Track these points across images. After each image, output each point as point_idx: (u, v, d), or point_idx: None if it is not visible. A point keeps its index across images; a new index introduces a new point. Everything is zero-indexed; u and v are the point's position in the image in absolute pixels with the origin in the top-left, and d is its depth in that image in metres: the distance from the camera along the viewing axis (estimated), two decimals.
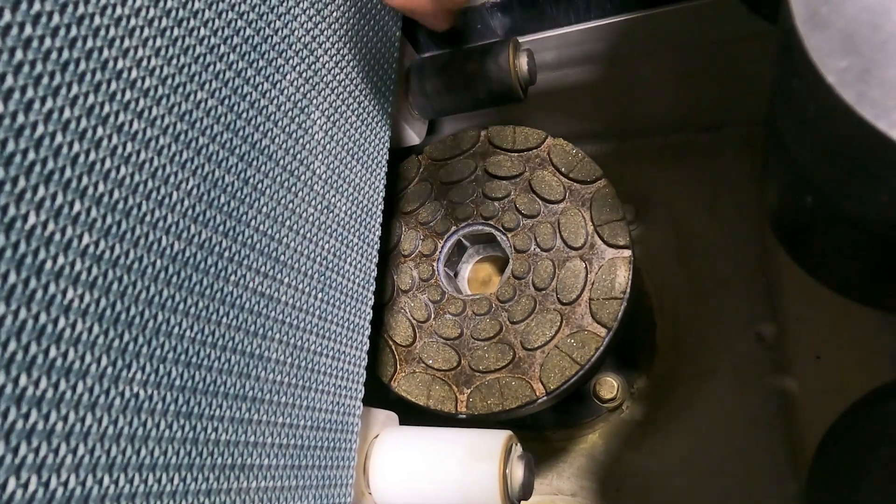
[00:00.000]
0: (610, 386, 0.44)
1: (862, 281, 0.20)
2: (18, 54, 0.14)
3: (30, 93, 0.15)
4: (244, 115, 0.22)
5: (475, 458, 0.29)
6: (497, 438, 0.29)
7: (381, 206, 0.32)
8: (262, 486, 0.21)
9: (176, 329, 0.18)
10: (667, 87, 0.47)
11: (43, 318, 0.15)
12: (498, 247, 0.39)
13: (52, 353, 0.15)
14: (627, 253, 0.34)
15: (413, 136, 0.41)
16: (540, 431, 0.48)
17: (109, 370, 0.16)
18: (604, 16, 0.40)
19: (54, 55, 0.15)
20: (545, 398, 0.32)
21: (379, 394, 0.35)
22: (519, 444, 0.30)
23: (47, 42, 0.15)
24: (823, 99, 0.12)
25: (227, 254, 0.21)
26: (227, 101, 0.21)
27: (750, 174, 0.50)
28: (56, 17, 0.16)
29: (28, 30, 0.15)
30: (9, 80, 0.14)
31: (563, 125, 0.52)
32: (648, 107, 0.50)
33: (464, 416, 0.33)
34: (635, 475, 0.46)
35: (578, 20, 0.41)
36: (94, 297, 0.16)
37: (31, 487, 0.14)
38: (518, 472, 0.28)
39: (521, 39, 0.42)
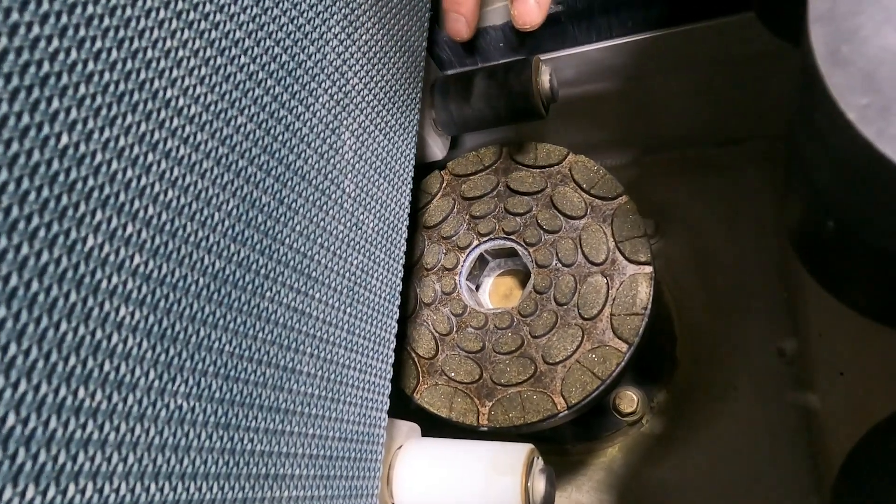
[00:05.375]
0: (630, 400, 0.44)
1: (883, 303, 0.20)
2: (81, 88, 0.16)
3: (90, 123, 0.16)
4: (280, 137, 0.23)
5: (498, 471, 0.29)
6: (519, 452, 0.30)
7: (407, 223, 0.33)
8: (294, 496, 0.22)
9: (216, 344, 0.19)
10: (687, 103, 0.48)
11: (99, 334, 0.15)
12: (519, 261, 0.39)
13: (107, 366, 0.16)
14: (649, 269, 0.34)
15: (436, 152, 0.42)
16: (559, 444, 0.48)
17: (156, 383, 0.17)
18: (625, 34, 0.41)
19: (112, 87, 0.16)
20: (566, 412, 0.32)
21: (398, 404, 0.36)
22: (540, 458, 0.30)
23: (106, 76, 0.16)
24: (844, 133, 0.13)
25: (262, 271, 0.22)
26: (264, 125, 0.22)
27: (770, 188, 0.50)
28: (114, 53, 0.17)
29: (91, 65, 0.16)
30: (73, 113, 0.15)
31: (582, 139, 0.52)
32: (668, 121, 0.51)
33: (485, 428, 0.34)
34: (654, 489, 0.46)
35: (600, 38, 0.42)
36: (144, 314, 0.17)
37: (87, 494, 0.15)
38: (540, 485, 0.29)
39: (542, 57, 0.42)
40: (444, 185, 0.41)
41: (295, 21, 0.25)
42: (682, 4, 0.38)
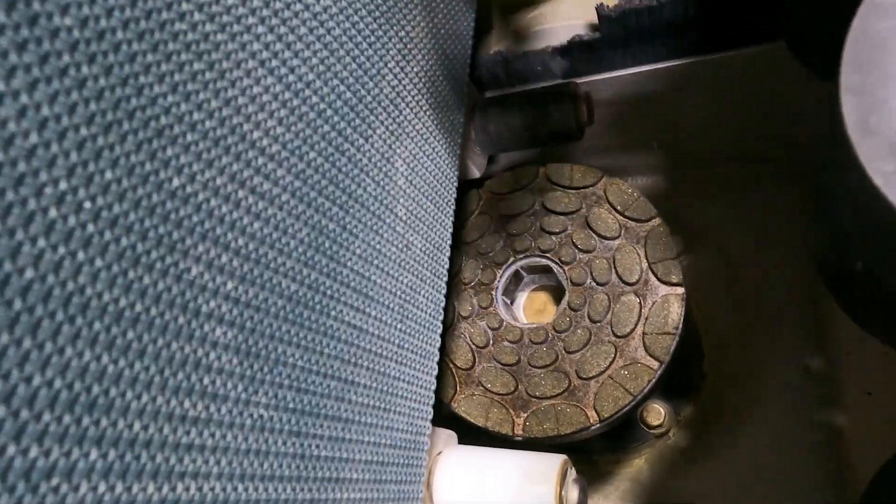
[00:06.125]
0: (657, 413, 0.46)
1: None
2: (188, 136, 0.18)
3: (194, 167, 0.18)
4: (343, 168, 0.25)
5: (532, 480, 0.31)
6: (553, 462, 0.31)
7: (450, 242, 0.35)
8: (352, 498, 0.24)
9: (290, 359, 0.21)
10: (718, 124, 0.49)
11: (200, 351, 0.18)
12: (553, 277, 0.41)
13: (206, 380, 0.18)
14: (681, 290, 0.35)
15: (475, 171, 0.44)
16: (587, 454, 0.49)
17: (243, 395, 0.19)
18: (659, 61, 0.42)
19: (210, 133, 0.19)
20: (598, 425, 0.34)
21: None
22: (573, 468, 0.32)
23: (206, 124, 0.19)
24: (870, 195, 0.14)
25: (328, 292, 0.24)
26: (330, 158, 0.25)
27: (799, 207, 0.51)
28: (213, 102, 0.19)
29: (195, 115, 0.18)
30: (181, 158, 0.18)
31: (615, 158, 0.54)
32: (699, 142, 0.52)
33: (520, 438, 0.36)
34: (679, 501, 0.47)
35: (635, 64, 0.43)
36: (234, 333, 0.19)
37: (191, 492, 0.17)
38: (573, 495, 0.30)
39: (579, 81, 0.44)
40: (481, 202, 0.43)
41: (357, 59, 0.27)
42: (714, 34, 0.40)
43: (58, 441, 0.13)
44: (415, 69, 0.32)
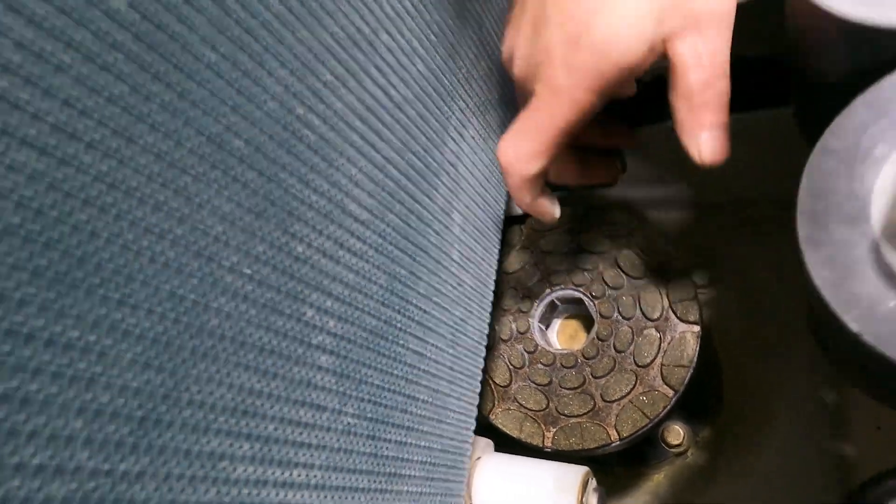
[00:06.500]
0: (677, 433, 0.50)
1: None
2: (308, 213, 0.24)
3: (311, 236, 0.24)
4: (412, 223, 0.31)
5: (558, 488, 0.37)
6: (577, 473, 0.37)
7: (495, 277, 0.40)
8: (409, 491, 0.30)
9: (369, 379, 0.27)
10: (743, 170, 0.53)
11: (311, 374, 0.24)
12: (584, 308, 0.46)
13: (314, 395, 0.24)
14: (697, 328, 0.40)
15: (516, 208, 0.49)
16: (609, 467, 0.54)
17: (337, 406, 0.25)
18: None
19: (320, 209, 0.25)
20: (618, 443, 0.39)
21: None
22: (594, 479, 0.37)
23: (317, 201, 0.25)
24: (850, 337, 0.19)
25: (398, 325, 0.30)
26: (403, 217, 0.31)
27: None
28: (324, 185, 0.25)
29: (312, 197, 0.24)
30: (304, 230, 0.24)
31: (646, 194, 0.58)
32: (724, 182, 0.56)
33: (549, 450, 0.41)
34: None
35: (662, 119, 0.48)
36: (333, 360, 0.25)
37: (301, 477, 0.23)
38: (593, 502, 0.36)
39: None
40: (523, 238, 0.49)
41: (426, 133, 0.33)
42: (740, 96, 0.44)
43: (236, 438, 0.20)
44: (471, 133, 0.38)
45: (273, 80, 0.22)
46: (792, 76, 0.35)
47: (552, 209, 0.35)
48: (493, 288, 0.40)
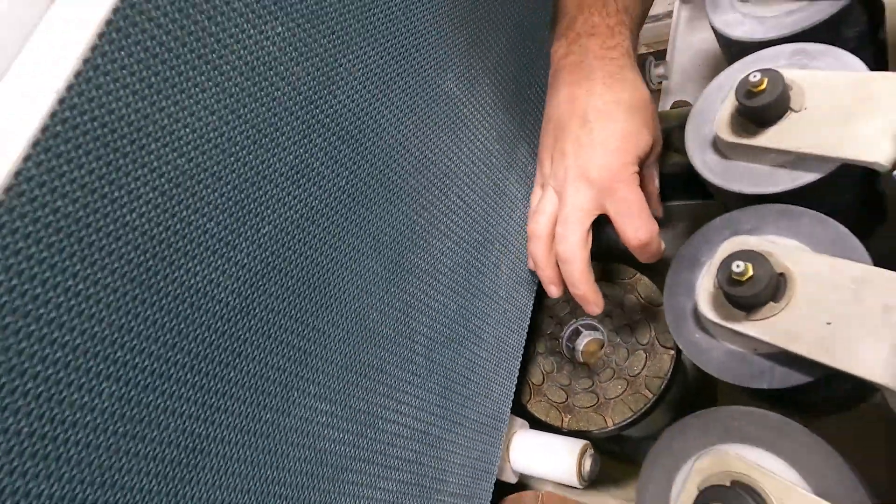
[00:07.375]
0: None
1: None
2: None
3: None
4: (473, 276, 0.52)
5: (566, 452, 0.55)
6: (580, 444, 0.55)
7: (531, 310, 0.60)
8: (464, 446, 0.50)
9: (450, 383, 0.48)
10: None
11: (375, 438, 0.45)
12: (599, 333, 0.64)
13: (383, 459, 0.45)
14: (673, 352, 0.58)
15: None
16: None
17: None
18: (691, 199, 0.64)
19: (395, 307, 0.46)
20: (611, 428, 0.57)
21: (515, 408, 0.63)
22: (591, 448, 0.56)
23: (393, 307, 0.46)
24: None
25: (468, 344, 0.50)
26: (469, 279, 0.51)
27: None
28: (399, 300, 0.46)
29: (386, 302, 0.45)
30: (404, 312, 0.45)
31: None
32: None
33: (565, 430, 0.60)
34: None
35: (674, 199, 0.65)
36: (410, 424, 0.46)
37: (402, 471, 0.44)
38: (587, 463, 0.54)
39: None
40: None
41: (488, 219, 0.53)
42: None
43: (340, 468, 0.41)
44: (517, 171, 0.58)
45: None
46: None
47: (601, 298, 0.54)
48: (528, 318, 0.59)
